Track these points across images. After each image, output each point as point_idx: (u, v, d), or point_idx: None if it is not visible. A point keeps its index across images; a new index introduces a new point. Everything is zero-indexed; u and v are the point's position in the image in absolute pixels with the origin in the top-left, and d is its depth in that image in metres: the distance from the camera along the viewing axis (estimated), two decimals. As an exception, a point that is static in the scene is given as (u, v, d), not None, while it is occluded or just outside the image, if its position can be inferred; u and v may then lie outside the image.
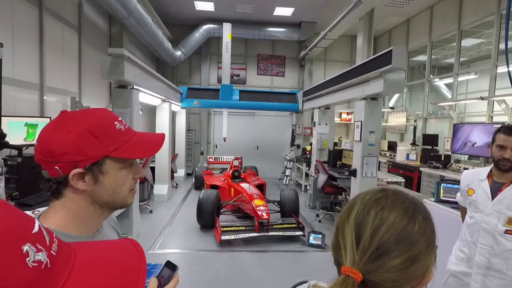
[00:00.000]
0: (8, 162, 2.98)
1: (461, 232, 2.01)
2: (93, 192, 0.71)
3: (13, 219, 0.39)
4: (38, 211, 0.74)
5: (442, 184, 3.20)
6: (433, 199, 3.28)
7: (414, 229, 0.55)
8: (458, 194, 2.12)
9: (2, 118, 2.71)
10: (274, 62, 10.27)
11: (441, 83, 8.00)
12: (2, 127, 2.72)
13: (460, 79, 6.93)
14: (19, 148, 2.75)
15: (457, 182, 2.78)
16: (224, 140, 8.48)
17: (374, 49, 9.16)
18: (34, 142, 3.28)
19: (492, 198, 1.79)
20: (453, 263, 1.99)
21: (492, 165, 1.85)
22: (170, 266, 0.70)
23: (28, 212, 0.69)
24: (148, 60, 8.78)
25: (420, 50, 8.24)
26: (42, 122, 3.39)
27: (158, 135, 0.83)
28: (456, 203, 2.36)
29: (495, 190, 1.81)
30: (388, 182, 5.32)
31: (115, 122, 0.74)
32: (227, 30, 7.77)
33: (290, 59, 10.30)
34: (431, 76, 7.74)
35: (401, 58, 3.72)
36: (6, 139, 2.73)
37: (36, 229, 0.40)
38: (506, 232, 1.72)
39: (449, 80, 7.22)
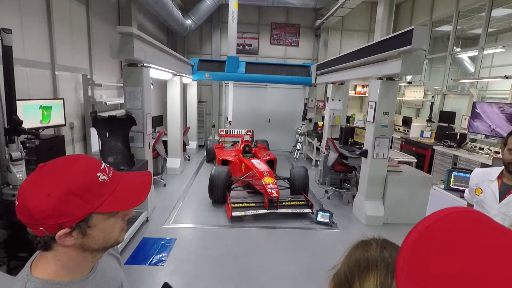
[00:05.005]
0: (27, 145, 3.10)
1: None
2: (83, 244, 0.70)
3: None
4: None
5: (453, 173, 3.17)
6: (442, 186, 3.27)
7: None
8: (466, 191, 2.10)
9: (18, 102, 2.77)
10: (288, 31, 9.84)
11: (464, 55, 7.54)
12: (18, 111, 2.79)
13: (485, 52, 6.51)
14: (36, 134, 2.83)
15: (469, 171, 2.73)
16: (230, 124, 8.35)
17: (396, 19, 8.62)
18: (50, 124, 3.36)
19: (500, 200, 1.78)
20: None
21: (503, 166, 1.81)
22: None
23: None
24: (158, 30, 8.56)
25: (445, 20, 7.68)
26: (56, 104, 3.46)
27: (144, 175, 0.80)
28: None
29: (504, 192, 1.78)
30: (399, 162, 5.27)
31: (98, 174, 0.70)
32: (233, -2, 7.39)
33: (305, 28, 9.84)
34: (454, 48, 7.29)
35: (423, 38, 3.49)
36: (23, 123, 2.82)
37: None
38: None
39: (474, 53, 6.80)
